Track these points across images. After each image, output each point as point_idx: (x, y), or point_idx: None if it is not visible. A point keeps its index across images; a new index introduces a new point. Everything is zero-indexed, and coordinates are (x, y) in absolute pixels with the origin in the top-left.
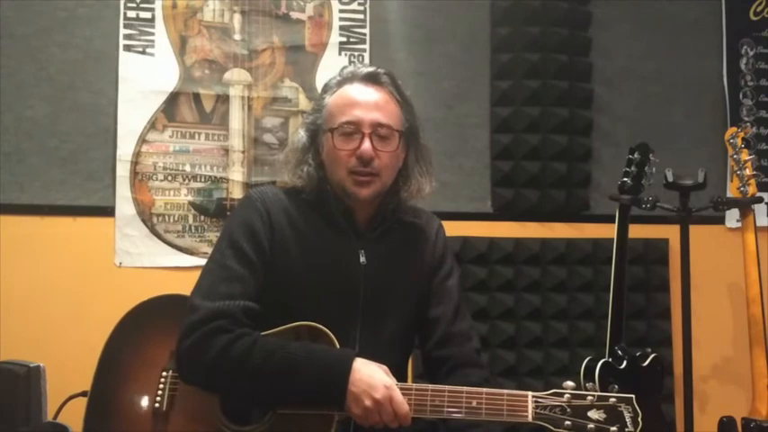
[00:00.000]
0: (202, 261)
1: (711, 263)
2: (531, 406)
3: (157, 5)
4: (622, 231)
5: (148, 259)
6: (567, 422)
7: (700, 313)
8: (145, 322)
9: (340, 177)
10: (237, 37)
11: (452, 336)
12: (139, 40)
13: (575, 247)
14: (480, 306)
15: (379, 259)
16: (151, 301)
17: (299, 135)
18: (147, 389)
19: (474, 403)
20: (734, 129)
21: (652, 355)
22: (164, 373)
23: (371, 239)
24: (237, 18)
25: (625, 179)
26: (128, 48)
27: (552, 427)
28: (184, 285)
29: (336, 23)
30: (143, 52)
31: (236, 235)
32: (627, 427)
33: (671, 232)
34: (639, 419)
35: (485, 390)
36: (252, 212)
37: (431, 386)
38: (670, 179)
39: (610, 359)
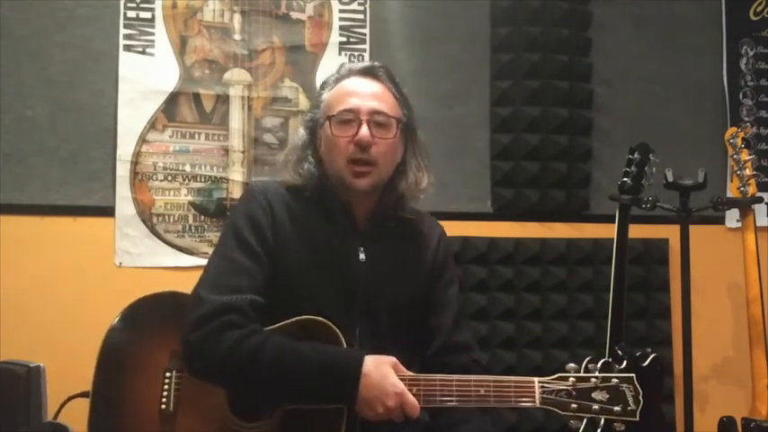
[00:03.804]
0: (202, 261)
1: (711, 263)
2: (537, 392)
3: (157, 5)
4: (622, 231)
5: (148, 259)
6: (574, 405)
7: (700, 313)
8: (141, 321)
9: (338, 167)
10: (237, 37)
11: (451, 346)
12: (139, 40)
13: (575, 247)
14: (480, 306)
15: (378, 257)
16: (145, 300)
17: (299, 134)
18: (150, 390)
19: (482, 391)
20: (734, 129)
21: (652, 355)
22: (167, 374)
23: (372, 237)
24: (237, 18)
25: (625, 179)
26: (128, 48)
27: (560, 411)
28: (184, 285)
29: (336, 23)
30: (143, 52)
31: (240, 227)
32: (629, 405)
33: (671, 232)
34: (640, 397)
35: (492, 378)
36: (254, 205)
37: (438, 377)
38: (670, 179)
39: (610, 359)
